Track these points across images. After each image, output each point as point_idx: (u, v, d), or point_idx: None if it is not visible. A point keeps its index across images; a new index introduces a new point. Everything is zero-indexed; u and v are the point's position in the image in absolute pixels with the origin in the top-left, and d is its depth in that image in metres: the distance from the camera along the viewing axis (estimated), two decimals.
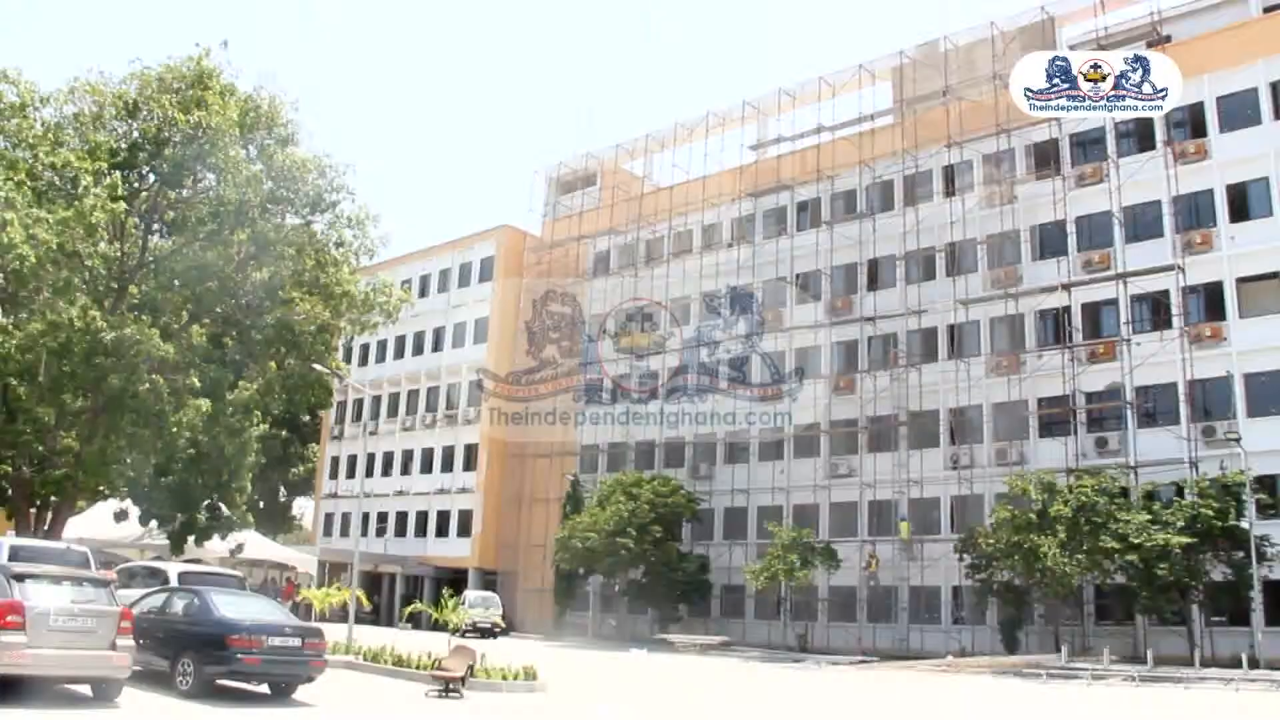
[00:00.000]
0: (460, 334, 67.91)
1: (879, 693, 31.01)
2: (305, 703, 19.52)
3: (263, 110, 33.66)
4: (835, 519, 50.32)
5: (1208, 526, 36.87)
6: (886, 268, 51.64)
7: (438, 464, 66.45)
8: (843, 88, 54.66)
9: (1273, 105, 42.49)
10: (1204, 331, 42.15)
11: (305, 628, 20.21)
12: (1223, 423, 40.64)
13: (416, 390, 69.60)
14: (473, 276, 68.58)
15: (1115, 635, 40.13)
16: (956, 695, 30.30)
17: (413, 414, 69.23)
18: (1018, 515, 40.31)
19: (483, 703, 22.25)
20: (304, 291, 35.99)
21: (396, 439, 69.31)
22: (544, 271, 65.20)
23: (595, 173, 66.02)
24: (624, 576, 51.69)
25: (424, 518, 66.18)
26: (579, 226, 63.74)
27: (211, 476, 36.09)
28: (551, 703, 23.53)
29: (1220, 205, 43.01)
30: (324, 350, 39.76)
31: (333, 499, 71.98)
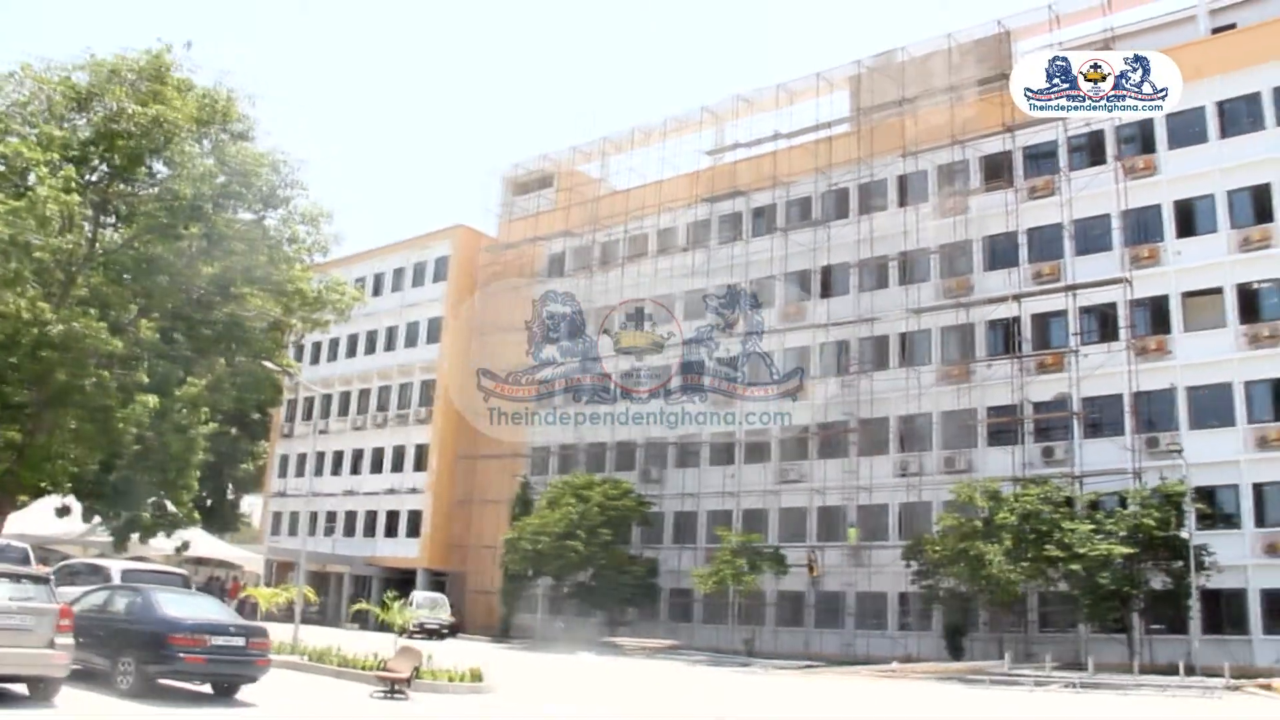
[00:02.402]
0: (413, 334, 67.58)
1: (822, 697, 31.12)
2: (248, 703, 19.33)
3: (218, 104, 33.28)
4: (784, 524, 50.57)
5: (1149, 536, 37.58)
6: (840, 275, 51.95)
7: (388, 464, 66.07)
8: (800, 95, 55.01)
9: (1219, 124, 43.29)
10: (1149, 344, 42.81)
11: (249, 627, 20.02)
12: (1166, 434, 41.30)
13: (368, 389, 69.17)
14: (427, 276, 68.26)
15: (1058, 642, 40.69)
16: (899, 701, 30.50)
17: (364, 413, 68.79)
18: (964, 523, 40.81)
19: (428, 704, 22.12)
20: (255, 288, 35.51)
21: (347, 438, 68.84)
22: (499, 273, 65.02)
23: (551, 174, 65.88)
24: (572, 579, 51.60)
25: (373, 518, 65.80)
26: (534, 228, 63.59)
27: (158, 473, 35.54)
28: (498, 705, 23.46)
29: (1167, 221, 43.70)
30: (274, 347, 39.36)
31: (281, 498, 71.31)
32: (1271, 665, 36.34)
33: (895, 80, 51.11)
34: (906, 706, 28.90)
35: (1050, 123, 45.98)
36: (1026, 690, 33.43)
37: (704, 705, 27.01)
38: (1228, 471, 40.27)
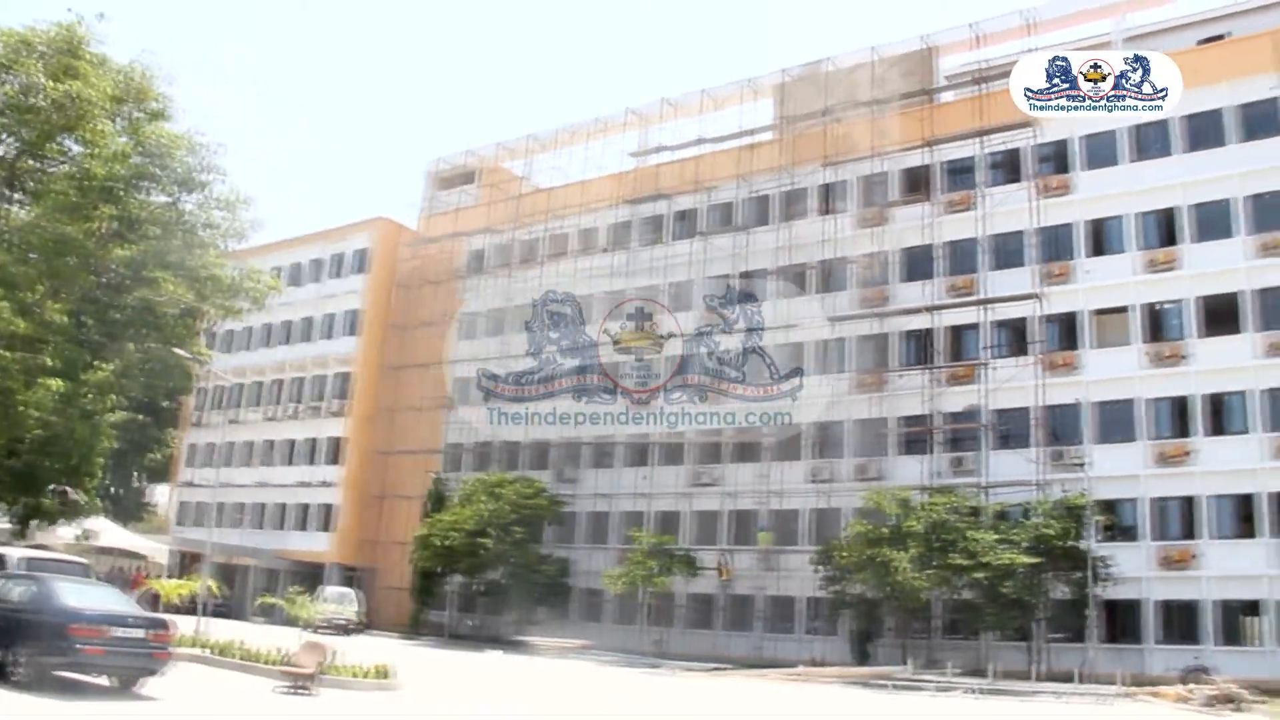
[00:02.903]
0: (330, 326, 66.70)
1: (727, 699, 31.28)
2: (149, 696, 18.89)
3: (134, 82, 32.40)
4: (697, 527, 50.67)
5: (1051, 547, 38.39)
6: (759, 281, 52.25)
7: (300, 456, 65.09)
8: (725, 101, 55.16)
9: (1131, 147, 44.31)
10: (1058, 360, 43.65)
11: (151, 618, 19.58)
12: (1071, 448, 42.13)
13: (282, 380, 68.07)
14: (346, 268, 67.40)
15: (961, 649, 41.20)
16: (805, 704, 30.69)
17: (277, 404, 67.63)
18: (873, 530, 41.26)
19: (333, 700, 21.82)
20: (169, 273, 34.65)
21: (259, 429, 67.66)
22: (419, 267, 64.38)
23: (476, 170, 65.39)
24: (484, 577, 51.25)
25: (284, 510, 64.77)
26: (456, 224, 63.06)
27: (61, 460, 34.64)
28: (404, 702, 23.22)
29: (1079, 239, 44.57)
30: (187, 334, 38.45)
31: (190, 487, 69.72)
32: (1163, 674, 37.20)
33: (820, 90, 51.50)
34: (812, 710, 29.11)
35: (970, 139, 46.84)
36: (929, 696, 33.98)
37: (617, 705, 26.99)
38: (1129, 485, 41.17)
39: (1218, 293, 41.40)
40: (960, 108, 48.16)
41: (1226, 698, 31.18)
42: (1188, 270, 42.08)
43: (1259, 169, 41.37)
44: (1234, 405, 40.50)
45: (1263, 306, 40.52)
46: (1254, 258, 40.88)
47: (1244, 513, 39.47)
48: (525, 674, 35.75)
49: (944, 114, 48.61)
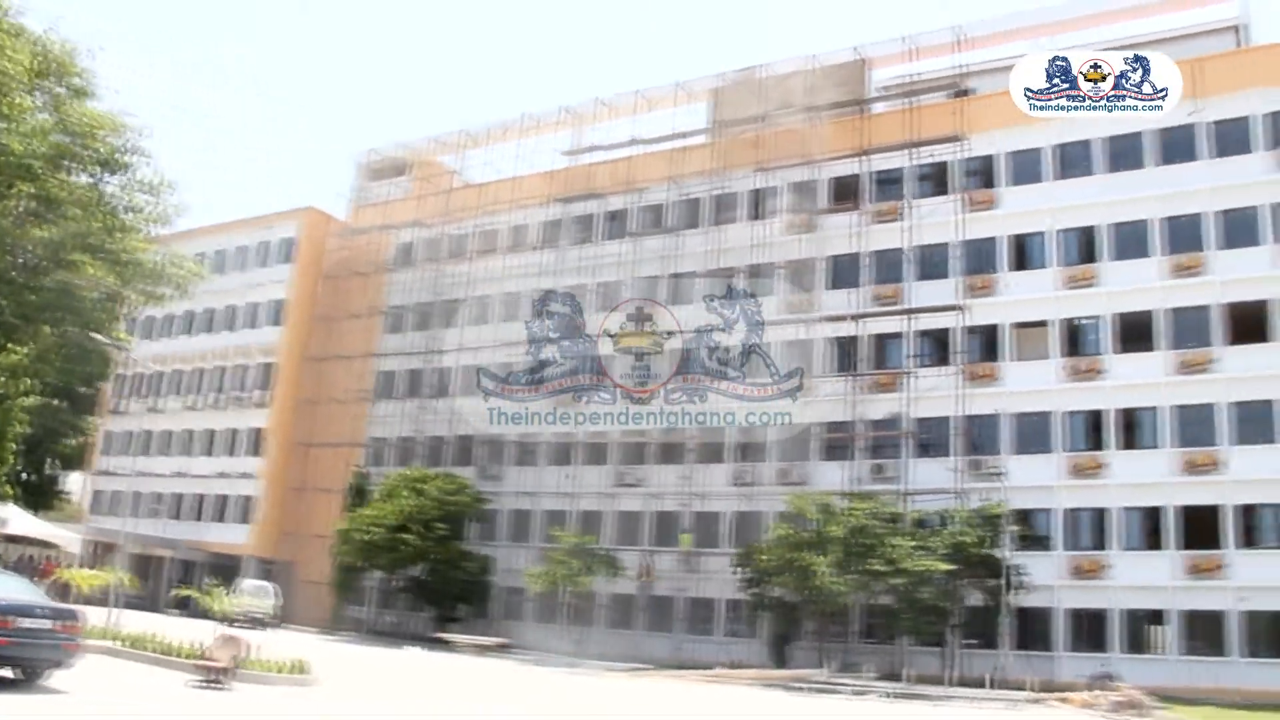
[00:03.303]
0: (254, 315, 65.74)
1: (646, 700, 31.27)
2: (56, 689, 18.37)
3: (54, 56, 31.47)
4: (620, 527, 50.65)
5: (968, 554, 38.98)
6: (687, 284, 52.31)
7: (221, 447, 64.02)
8: (659, 103, 55.16)
9: (1055, 165, 45.18)
10: (980, 371, 44.32)
11: (60, 609, 19.03)
12: (990, 457, 42.80)
13: (204, 369, 66.89)
14: (272, 257, 66.49)
15: (878, 653, 41.69)
16: (723, 705, 30.74)
17: (199, 393, 66.47)
18: (794, 534, 41.54)
19: (248, 695, 21.41)
20: (90, 256, 33.92)
21: (180, 418, 66.50)
22: (346, 258, 63.62)
23: (407, 163, 64.88)
24: (405, 573, 50.75)
25: (202, 501, 63.71)
26: (386, 216, 62.47)
27: None
28: (320, 697, 22.88)
29: (1002, 254, 45.30)
30: (107, 319, 37.70)
31: (106, 476, 68.33)
32: (1072, 680, 37.93)
33: (754, 96, 51.73)
34: (729, 712, 29.16)
35: (899, 150, 47.40)
36: (845, 699, 34.33)
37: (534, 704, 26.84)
38: (1043, 496, 41.92)
39: (1133, 310, 42.37)
40: (891, 119, 48.69)
41: (1131, 704, 31.93)
42: (1105, 288, 43.01)
43: (1175, 192, 42.50)
44: (1145, 420, 41.45)
45: (1175, 325, 41.55)
46: (1168, 278, 41.94)
47: (1152, 525, 40.43)
48: (444, 671, 35.57)
49: (875, 125, 49.08)
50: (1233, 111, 42.04)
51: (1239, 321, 40.64)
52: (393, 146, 64.97)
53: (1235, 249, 41.20)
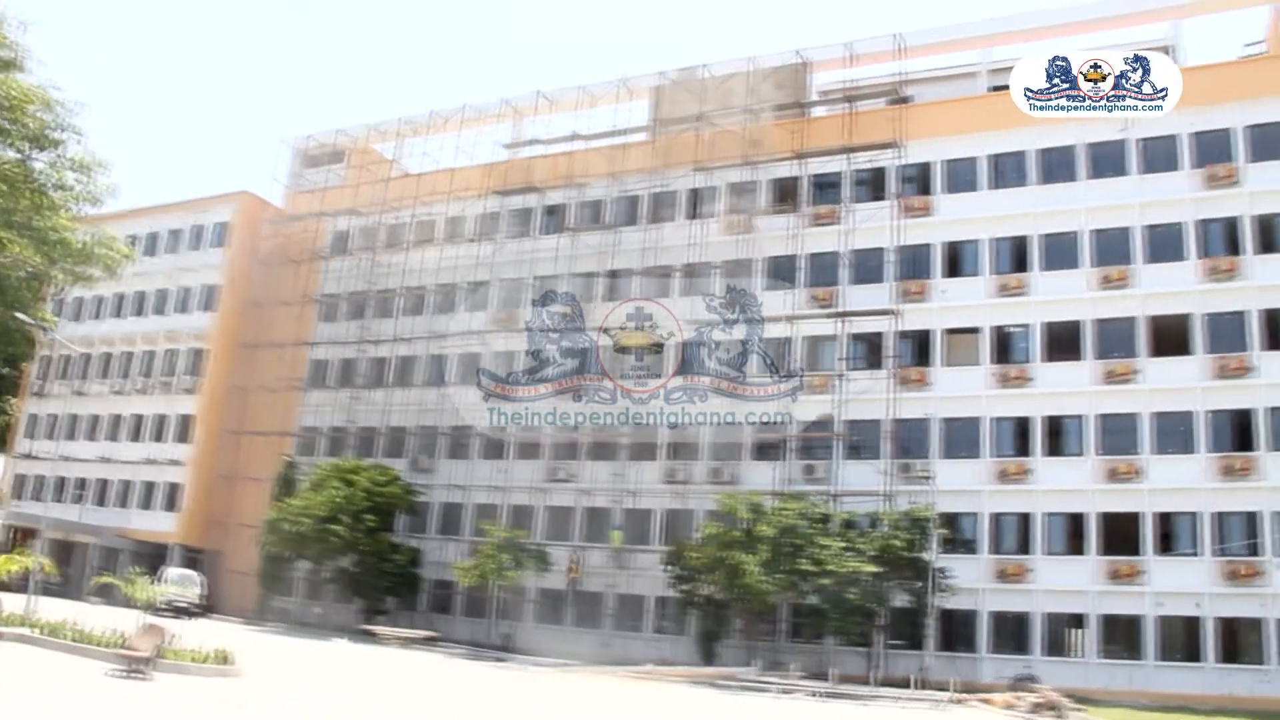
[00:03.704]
0: (186, 299, 64.49)
1: (573, 695, 31.26)
2: None
3: None
4: (551, 522, 50.45)
5: (895, 556, 39.40)
6: (624, 280, 52.38)
7: (148, 432, 62.74)
8: (601, 99, 55.06)
9: (990, 175, 45.89)
10: (911, 375, 44.82)
11: None
12: (919, 461, 43.37)
13: (133, 353, 65.48)
14: (205, 241, 65.27)
15: (805, 652, 41.99)
16: (648, 702, 30.79)
17: (126, 377, 65.03)
18: (725, 533, 41.74)
19: (169, 685, 21.18)
20: (15, 233, 33.17)
21: (106, 402, 65.06)
22: (281, 245, 62.68)
23: (344, 150, 64.08)
24: (333, 564, 50.14)
25: (128, 488, 62.34)
26: (322, 203, 61.63)
27: None
28: (243, 688, 22.67)
29: (936, 260, 45.86)
30: (32, 299, 36.89)
31: (28, 460, 66.70)
32: (994, 681, 38.71)
33: (695, 95, 51.87)
34: (657, 709, 29.26)
35: (838, 155, 47.85)
36: (772, 697, 34.60)
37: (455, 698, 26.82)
38: (970, 500, 42.52)
39: (1061, 320, 43.16)
40: (830, 123, 49.09)
41: (1050, 705, 32.63)
42: (1035, 297, 43.74)
43: (1104, 205, 43.42)
44: (1071, 428, 42.22)
45: (1101, 336, 42.42)
46: (1096, 289, 42.80)
47: (1075, 530, 41.19)
48: (369, 664, 35.39)
49: (814, 128, 49.38)
50: (1161, 130, 42.92)
51: (1162, 334, 41.57)
52: (330, 133, 64.10)
53: (1160, 263, 42.19)
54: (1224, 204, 42.03)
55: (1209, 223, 42.21)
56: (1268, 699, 36.61)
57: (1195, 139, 42.88)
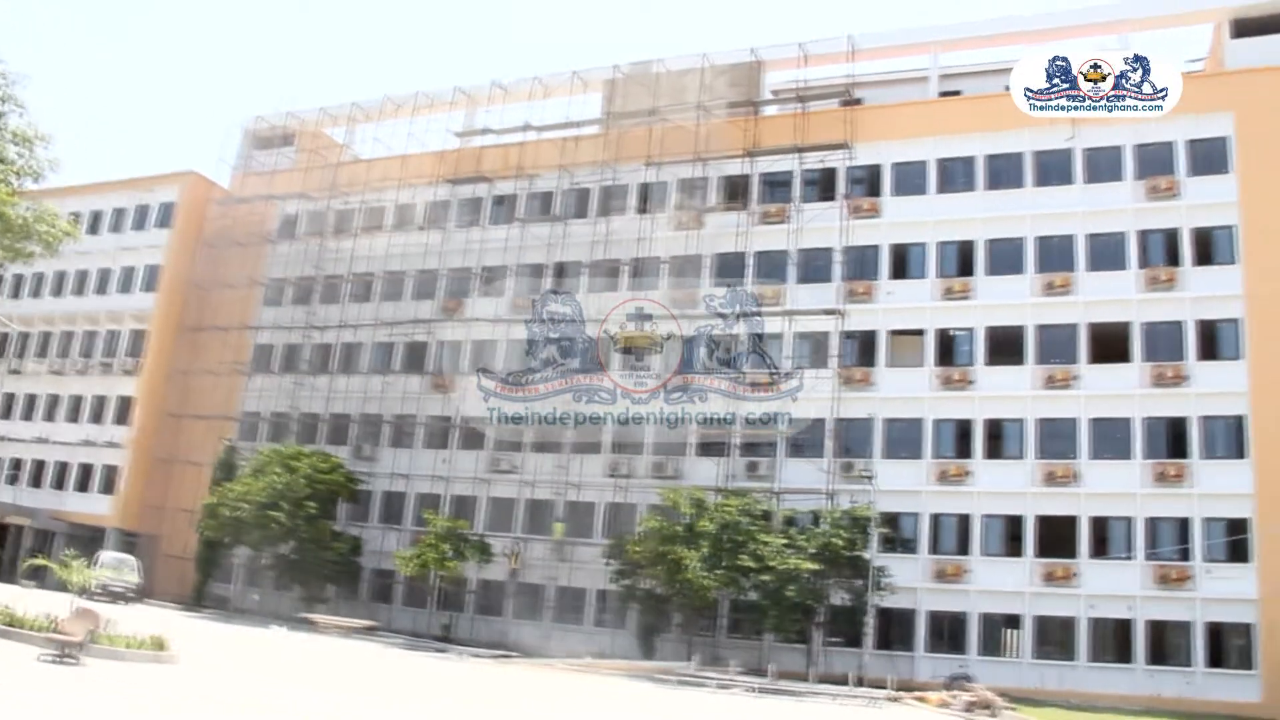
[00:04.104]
0: (128, 279, 63.16)
1: (512, 686, 31.13)
2: None
3: None
4: (493, 513, 50.03)
5: (835, 554, 39.46)
6: (572, 273, 52.07)
7: (86, 413, 61.41)
8: (554, 91, 54.64)
9: (938, 179, 46.17)
10: (855, 375, 44.89)
11: None
12: (861, 460, 43.48)
13: (72, 333, 64.01)
14: (150, 220, 63.90)
15: (744, 648, 42.08)
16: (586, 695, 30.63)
17: (65, 357, 63.51)
18: (667, 527, 41.65)
19: (101, 671, 20.67)
20: None
21: (43, 381, 63.54)
22: (227, 227, 61.51)
23: (295, 133, 63.07)
24: (273, 551, 49.40)
25: (64, 469, 60.99)
26: (270, 185, 60.66)
27: None
28: (177, 675, 22.23)
29: (883, 262, 46.02)
30: None
31: None
32: (930, 680, 38.97)
33: (649, 90, 51.64)
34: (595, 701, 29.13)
35: (788, 154, 47.90)
36: (710, 692, 34.48)
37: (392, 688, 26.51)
38: (911, 500, 42.73)
39: (1004, 325, 43.51)
40: (782, 123, 49.09)
41: (984, 704, 32.79)
42: (979, 301, 44.05)
43: (1049, 213, 43.85)
44: (1011, 432, 42.55)
45: (1043, 341, 42.81)
46: (1039, 295, 43.17)
47: (1012, 533, 41.57)
48: (306, 652, 35.00)
49: (766, 127, 49.38)
50: (1106, 141, 43.48)
51: (1101, 342, 42.03)
52: (281, 115, 63.05)
53: (1102, 272, 42.66)
54: (1164, 216, 42.61)
55: (1149, 233, 42.78)
56: (1193, 700, 37.31)
57: (1138, 151, 43.42)
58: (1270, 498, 38.43)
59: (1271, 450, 38.96)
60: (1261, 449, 39.22)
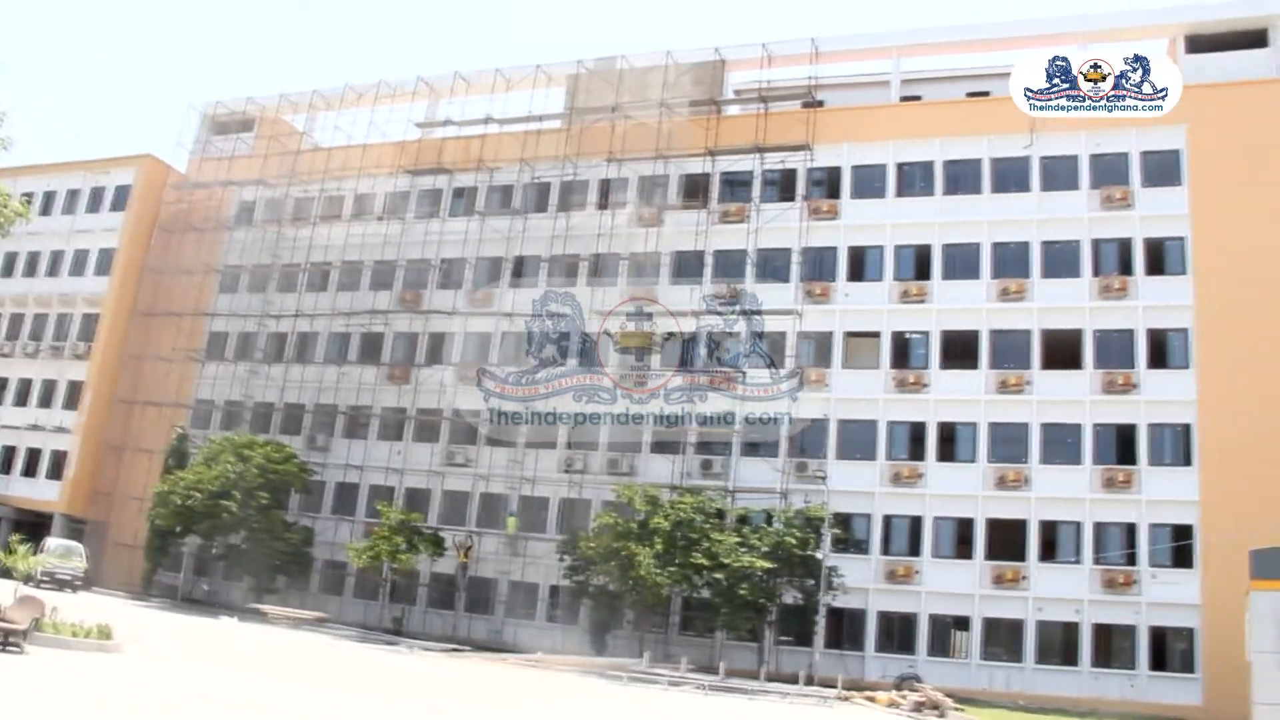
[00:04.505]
0: (81, 262, 61.83)
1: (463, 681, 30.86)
2: None
3: None
4: (446, 506, 49.57)
5: (788, 554, 39.43)
6: (531, 267, 51.63)
7: (35, 397, 60.09)
8: (517, 84, 54.08)
9: (896, 183, 46.25)
10: (811, 375, 44.86)
11: None
12: (815, 461, 43.52)
13: (22, 315, 62.57)
14: (104, 203, 62.53)
15: (696, 646, 41.97)
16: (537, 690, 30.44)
17: (14, 339, 62.01)
18: (620, 523, 41.40)
19: (45, 659, 20.23)
20: None
21: None
22: (183, 212, 60.41)
23: (254, 119, 61.95)
24: (224, 540, 48.62)
25: (11, 454, 59.64)
26: (228, 171, 59.47)
27: None
28: (123, 663, 21.80)
29: (841, 263, 46.04)
30: None
31: None
32: (880, 679, 39.09)
33: (612, 86, 51.22)
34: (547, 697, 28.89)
35: (749, 154, 47.78)
36: (662, 689, 34.25)
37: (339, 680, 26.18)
38: (864, 501, 42.79)
39: (959, 329, 43.65)
40: (743, 122, 48.91)
41: (932, 704, 32.86)
42: (935, 305, 44.15)
43: (1005, 219, 44.05)
44: (964, 435, 42.68)
45: (996, 346, 43.00)
46: (994, 300, 43.37)
47: (963, 535, 41.73)
48: (255, 643, 34.49)
49: (727, 126, 49.17)
50: (1063, 150, 43.77)
51: (1054, 347, 42.29)
52: (240, 100, 61.86)
53: (1056, 279, 42.93)
54: (1118, 225, 42.95)
55: (1103, 242, 43.10)
56: (1136, 703, 37.63)
57: (1094, 161, 43.75)
58: (1214, 505, 38.73)
59: (1217, 459, 39.30)
60: (1207, 457, 39.58)
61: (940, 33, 49.01)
